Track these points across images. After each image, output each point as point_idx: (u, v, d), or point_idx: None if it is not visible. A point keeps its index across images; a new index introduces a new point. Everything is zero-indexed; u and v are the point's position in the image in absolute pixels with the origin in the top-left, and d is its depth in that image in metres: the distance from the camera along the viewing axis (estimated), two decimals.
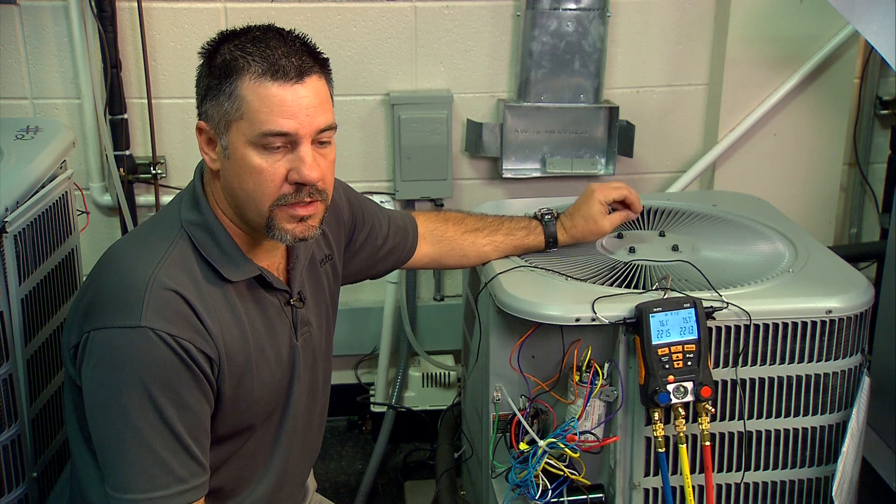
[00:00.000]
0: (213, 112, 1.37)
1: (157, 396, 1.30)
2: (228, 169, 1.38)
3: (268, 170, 1.35)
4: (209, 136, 1.39)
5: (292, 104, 1.33)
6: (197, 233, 1.40)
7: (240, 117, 1.34)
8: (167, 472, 1.31)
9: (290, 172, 1.35)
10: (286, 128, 1.33)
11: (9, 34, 2.42)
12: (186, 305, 1.33)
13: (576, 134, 2.64)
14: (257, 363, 1.44)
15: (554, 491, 1.67)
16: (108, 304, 1.32)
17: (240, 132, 1.34)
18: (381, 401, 2.76)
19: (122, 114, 2.46)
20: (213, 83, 1.36)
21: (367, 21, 2.52)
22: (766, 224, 2.03)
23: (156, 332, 1.29)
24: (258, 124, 1.33)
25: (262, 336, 1.45)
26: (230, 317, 1.40)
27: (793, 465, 1.76)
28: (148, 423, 1.30)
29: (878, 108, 2.81)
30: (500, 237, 1.83)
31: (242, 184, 1.37)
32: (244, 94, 1.33)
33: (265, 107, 1.32)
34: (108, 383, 1.30)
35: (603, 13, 2.52)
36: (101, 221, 2.60)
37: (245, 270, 1.42)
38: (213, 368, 1.36)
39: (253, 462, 1.51)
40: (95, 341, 1.31)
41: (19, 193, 1.66)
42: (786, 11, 2.55)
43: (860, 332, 1.71)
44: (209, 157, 1.40)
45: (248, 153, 1.35)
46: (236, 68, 1.34)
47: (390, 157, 2.63)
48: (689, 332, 1.62)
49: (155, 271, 1.33)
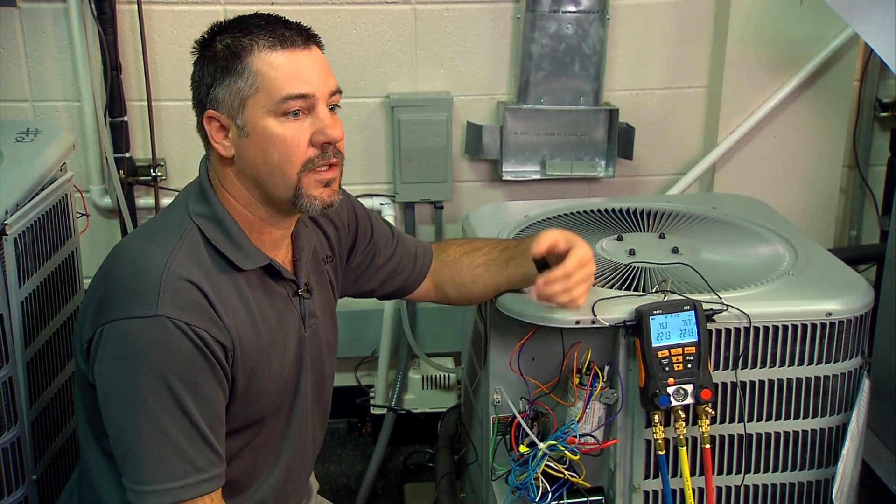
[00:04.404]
0: (223, 96, 1.37)
1: (175, 385, 1.30)
2: (249, 147, 1.39)
3: (292, 137, 1.37)
4: (221, 123, 1.39)
5: (306, 68, 1.37)
6: (206, 224, 1.41)
7: (255, 91, 1.36)
8: (186, 461, 1.31)
9: (315, 135, 1.38)
10: (304, 90, 1.37)
11: (9, 36, 2.42)
12: (201, 294, 1.34)
13: (576, 136, 2.63)
14: (269, 354, 1.44)
15: (554, 493, 1.67)
16: (122, 296, 1.32)
17: (257, 106, 1.36)
18: (380, 403, 2.76)
19: (122, 116, 2.46)
20: (221, 68, 1.37)
21: (368, 23, 2.53)
22: (765, 226, 2.03)
23: (172, 320, 1.29)
24: (276, 92, 1.35)
25: (272, 326, 1.45)
26: (242, 307, 1.40)
27: (793, 468, 1.76)
28: (166, 412, 1.30)
29: (877, 111, 2.81)
30: (496, 255, 1.72)
31: (267, 156, 1.38)
32: (257, 67, 1.36)
33: (281, 74, 1.36)
34: (125, 373, 1.30)
35: (603, 15, 2.52)
36: (101, 224, 2.60)
37: (255, 259, 1.43)
38: (228, 357, 1.37)
39: (263, 455, 1.51)
40: (111, 333, 1.31)
41: (19, 196, 1.66)
42: (785, 14, 2.56)
43: (860, 334, 1.72)
44: (221, 146, 1.40)
45: (269, 124, 1.37)
46: (243, 47, 1.36)
47: (390, 160, 2.63)
48: (689, 335, 1.62)
49: (168, 262, 1.34)
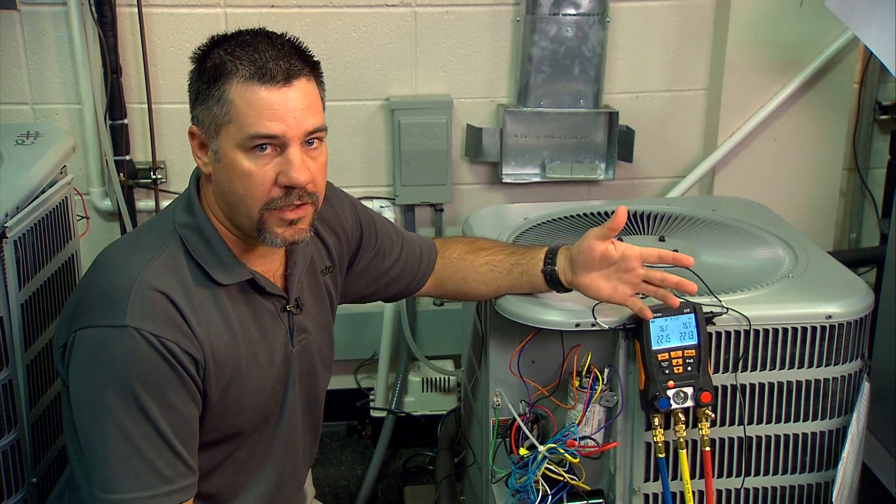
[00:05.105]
0: (203, 116, 1.37)
1: (141, 396, 1.29)
2: (219, 173, 1.38)
3: (257, 173, 1.35)
4: (201, 141, 1.39)
5: (280, 107, 1.33)
6: (189, 235, 1.40)
7: (228, 121, 1.34)
8: (153, 471, 1.30)
9: (280, 176, 1.35)
10: (273, 130, 1.33)
11: (9, 39, 2.42)
12: (172, 306, 1.33)
13: (575, 139, 2.63)
14: (248, 368, 1.43)
15: (554, 496, 1.67)
16: (94, 304, 1.32)
17: (229, 136, 1.35)
18: (380, 406, 2.76)
19: (122, 119, 2.46)
20: (203, 87, 1.36)
21: (368, 26, 2.53)
22: (765, 229, 2.03)
23: (140, 331, 1.29)
24: (246, 127, 1.33)
25: (254, 341, 1.44)
26: (220, 321, 1.39)
27: (793, 471, 1.76)
28: (133, 423, 1.29)
29: (877, 114, 2.81)
30: (501, 256, 1.70)
31: (232, 187, 1.37)
32: (232, 97, 1.33)
33: (252, 110, 1.33)
34: (93, 382, 1.30)
35: (603, 18, 2.53)
36: (101, 226, 2.60)
37: (236, 274, 1.42)
38: (199, 370, 1.36)
39: (247, 468, 1.50)
40: (81, 340, 1.31)
41: (19, 199, 1.66)
42: (785, 16, 2.56)
43: (860, 337, 1.71)
44: (202, 161, 1.41)
45: (237, 157, 1.35)
46: (225, 72, 1.34)
47: (390, 162, 2.63)
48: (689, 338, 1.62)
49: (143, 272, 1.33)
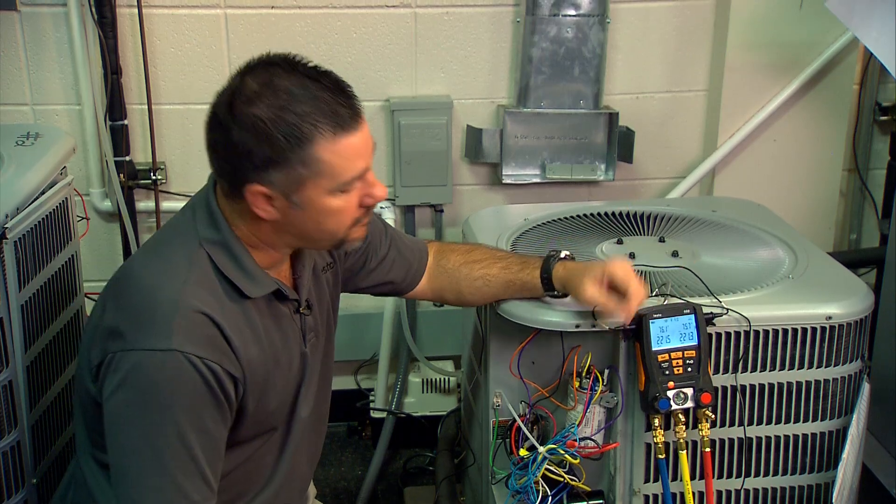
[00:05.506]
0: (279, 178, 1.33)
1: (181, 421, 1.30)
2: (300, 216, 1.38)
3: (347, 207, 1.39)
4: (267, 195, 1.36)
5: (364, 146, 1.38)
6: (216, 251, 1.39)
7: (318, 175, 1.34)
8: (182, 495, 1.31)
9: (364, 198, 1.41)
10: (362, 167, 1.38)
11: (9, 40, 2.42)
12: (215, 327, 1.34)
13: (575, 140, 2.63)
14: (274, 374, 1.45)
15: (554, 497, 1.67)
16: (135, 326, 1.32)
17: (318, 187, 1.35)
18: (380, 406, 2.76)
19: (122, 119, 2.46)
20: (278, 156, 1.32)
21: (368, 27, 2.53)
22: (765, 230, 2.03)
23: (186, 355, 1.29)
24: (339, 176, 1.35)
25: (278, 348, 1.46)
26: (250, 333, 1.40)
27: (793, 472, 1.76)
28: (169, 447, 1.30)
29: (877, 114, 2.81)
30: (496, 270, 1.71)
31: (321, 225, 1.40)
32: (321, 156, 1.33)
33: (344, 159, 1.35)
34: (134, 404, 1.30)
35: (603, 19, 2.53)
36: (101, 227, 2.60)
37: (265, 286, 1.43)
38: (238, 388, 1.38)
39: (258, 467, 1.51)
40: (122, 362, 1.30)
41: (19, 199, 1.66)
42: (785, 17, 2.56)
43: (860, 338, 1.71)
44: (264, 211, 1.37)
45: (328, 201, 1.37)
46: (304, 137, 1.31)
47: (390, 163, 2.63)
48: (689, 339, 1.62)
49: (182, 292, 1.33)
